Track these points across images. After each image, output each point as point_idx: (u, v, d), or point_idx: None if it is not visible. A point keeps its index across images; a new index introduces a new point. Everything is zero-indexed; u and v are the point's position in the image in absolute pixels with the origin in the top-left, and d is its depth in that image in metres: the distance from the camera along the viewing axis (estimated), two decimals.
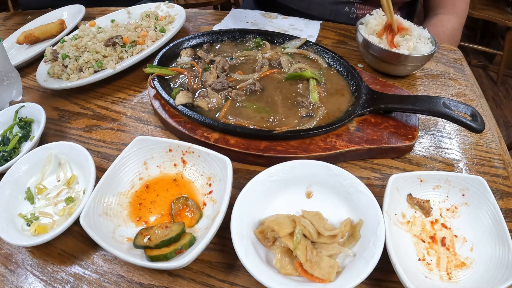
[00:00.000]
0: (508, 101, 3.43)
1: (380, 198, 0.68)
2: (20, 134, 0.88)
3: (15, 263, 0.67)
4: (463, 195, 0.71)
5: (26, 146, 0.86)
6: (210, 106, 0.91)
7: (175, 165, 0.78)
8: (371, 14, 1.13)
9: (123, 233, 0.67)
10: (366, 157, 0.85)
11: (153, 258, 0.61)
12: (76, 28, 1.23)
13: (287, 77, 0.98)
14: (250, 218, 0.67)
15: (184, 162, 0.77)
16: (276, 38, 1.14)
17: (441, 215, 0.71)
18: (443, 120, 0.93)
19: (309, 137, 0.83)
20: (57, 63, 1.06)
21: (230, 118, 0.87)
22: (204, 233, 0.64)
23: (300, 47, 1.11)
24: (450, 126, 0.93)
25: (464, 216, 0.70)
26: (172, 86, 0.98)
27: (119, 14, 1.33)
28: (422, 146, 0.88)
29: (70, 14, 1.41)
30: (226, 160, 0.71)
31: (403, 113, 0.90)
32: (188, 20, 1.39)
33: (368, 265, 0.58)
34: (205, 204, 0.72)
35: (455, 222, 0.70)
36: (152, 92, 0.97)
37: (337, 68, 1.03)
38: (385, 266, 0.60)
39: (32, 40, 1.26)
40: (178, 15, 1.29)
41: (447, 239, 0.67)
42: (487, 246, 0.65)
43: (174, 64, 1.06)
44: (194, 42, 1.13)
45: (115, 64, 1.06)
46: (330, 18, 1.40)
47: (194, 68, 1.03)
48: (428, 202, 0.71)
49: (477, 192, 0.70)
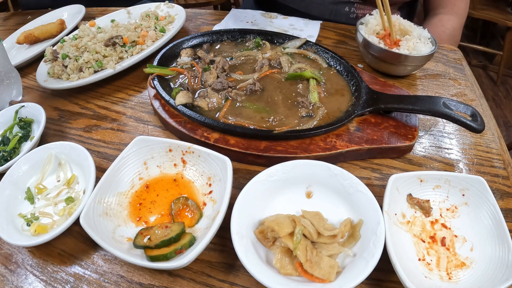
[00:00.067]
0: (508, 101, 3.43)
1: (380, 198, 0.68)
2: (20, 134, 0.88)
3: (15, 263, 0.67)
4: (463, 195, 0.71)
5: (26, 146, 0.86)
6: (210, 106, 0.91)
7: (175, 165, 0.78)
8: (371, 14, 1.13)
9: (123, 233, 0.67)
10: (366, 157, 0.85)
11: (153, 258, 0.61)
12: (76, 28, 1.23)
13: (287, 77, 0.98)
14: (250, 218, 0.67)
15: (184, 162, 0.77)
16: (276, 38, 1.14)
17: (441, 215, 0.71)
18: (443, 120, 0.93)
19: (309, 137, 0.83)
20: (57, 63, 1.06)
21: (230, 118, 0.87)
22: (204, 233, 0.64)
23: (300, 47, 1.11)
24: (450, 126, 0.93)
25: (464, 216, 0.70)
26: (172, 86, 0.98)
27: (119, 14, 1.33)
28: (422, 146, 0.88)
29: (70, 14, 1.41)
30: (226, 160, 0.71)
31: (403, 113, 0.90)
32: (188, 20, 1.39)
33: (368, 265, 0.58)
34: (205, 204, 0.72)
35: (455, 222, 0.70)
36: (152, 92, 0.97)
37: (337, 68, 1.03)
38: (385, 266, 0.60)
39: (32, 40, 1.26)
40: (178, 15, 1.29)
41: (447, 239, 0.67)
42: (487, 246, 0.65)
43: (174, 64, 1.06)
44: (194, 42, 1.13)
45: (115, 64, 1.06)
46: (330, 18, 1.40)
47: (194, 68, 1.03)
48: (428, 202, 0.71)
49: (477, 192, 0.70)
